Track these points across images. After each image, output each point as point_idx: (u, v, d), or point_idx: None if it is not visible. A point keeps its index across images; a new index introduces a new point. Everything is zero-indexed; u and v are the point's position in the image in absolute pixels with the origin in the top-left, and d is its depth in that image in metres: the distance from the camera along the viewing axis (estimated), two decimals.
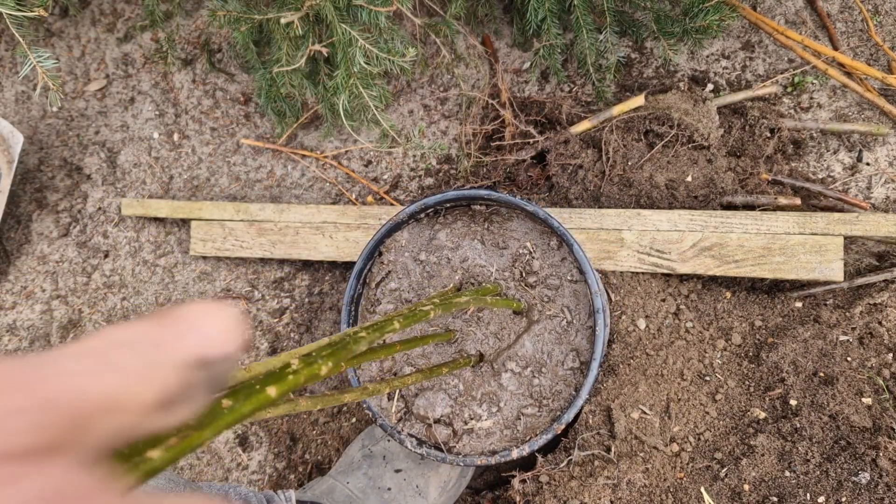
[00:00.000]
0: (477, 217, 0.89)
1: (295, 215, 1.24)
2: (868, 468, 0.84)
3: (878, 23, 1.20)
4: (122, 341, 0.22)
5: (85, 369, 0.20)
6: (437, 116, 1.35)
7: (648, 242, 1.05)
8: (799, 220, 1.00)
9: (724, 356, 1.01)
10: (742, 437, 0.92)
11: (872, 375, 0.92)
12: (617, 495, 0.87)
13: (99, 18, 1.55)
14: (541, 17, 1.09)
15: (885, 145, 1.15)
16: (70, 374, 0.20)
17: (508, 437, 0.83)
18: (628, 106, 1.14)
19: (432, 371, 0.74)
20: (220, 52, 1.47)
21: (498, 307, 0.84)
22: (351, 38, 0.94)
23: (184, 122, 1.47)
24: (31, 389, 0.19)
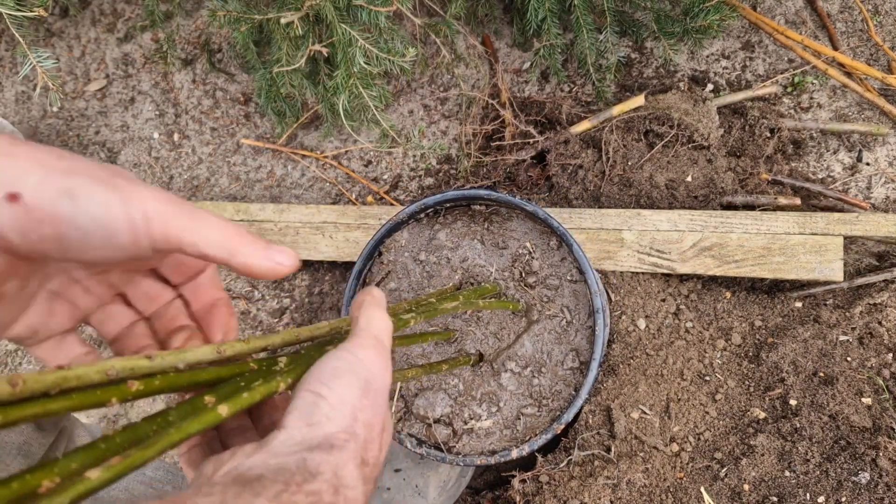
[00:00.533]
0: (477, 217, 0.90)
1: (295, 215, 1.24)
2: (868, 468, 0.84)
3: (878, 23, 1.20)
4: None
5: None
6: (437, 116, 1.35)
7: (648, 242, 1.05)
8: (799, 220, 1.00)
9: (724, 356, 1.01)
10: (742, 437, 0.92)
11: (872, 375, 0.92)
12: (617, 495, 0.87)
13: (99, 18, 1.55)
14: (541, 16, 1.09)
15: (885, 145, 1.15)
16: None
17: (508, 436, 0.83)
18: (628, 106, 1.14)
19: (432, 367, 0.73)
20: (221, 52, 1.47)
21: (492, 309, 0.84)
22: (351, 38, 0.94)
23: (184, 122, 1.47)
24: None
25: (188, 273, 0.43)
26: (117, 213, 0.31)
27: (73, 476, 0.27)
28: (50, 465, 0.27)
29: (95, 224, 0.31)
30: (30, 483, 0.25)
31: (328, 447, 0.31)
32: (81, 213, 0.30)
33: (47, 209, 0.30)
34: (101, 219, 0.31)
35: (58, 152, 0.32)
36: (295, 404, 0.33)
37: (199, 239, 0.33)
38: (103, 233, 0.31)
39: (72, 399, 0.29)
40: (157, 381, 0.33)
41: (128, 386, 0.31)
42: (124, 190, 0.32)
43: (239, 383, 0.35)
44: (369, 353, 0.36)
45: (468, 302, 0.72)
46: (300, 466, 0.30)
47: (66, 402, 0.29)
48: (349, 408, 0.33)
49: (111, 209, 0.31)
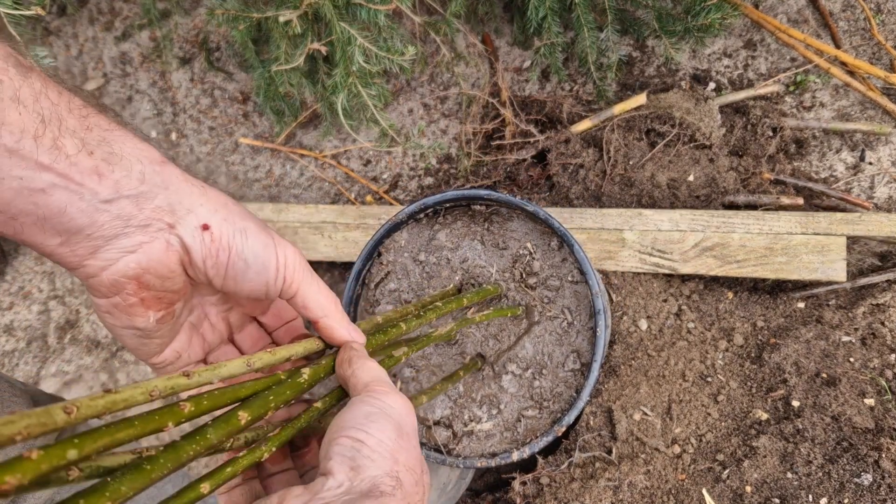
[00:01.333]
0: (477, 217, 0.89)
1: (294, 215, 1.23)
2: (870, 469, 0.83)
3: (880, 21, 1.19)
4: None
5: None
6: (436, 115, 1.34)
7: (650, 242, 1.04)
8: (801, 219, 0.99)
9: (726, 357, 1.00)
10: (744, 439, 0.91)
11: (875, 376, 0.92)
12: (618, 497, 0.87)
13: (97, 17, 1.54)
14: (541, 15, 1.08)
15: (888, 145, 1.15)
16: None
17: (509, 439, 0.83)
18: (630, 105, 1.14)
19: (451, 378, 0.74)
20: (219, 51, 1.46)
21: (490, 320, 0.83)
22: (350, 37, 0.93)
23: (182, 121, 1.47)
24: None
25: (283, 320, 0.52)
26: (271, 253, 0.41)
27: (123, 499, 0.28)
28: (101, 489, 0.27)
29: (255, 259, 0.41)
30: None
31: (378, 494, 0.33)
32: (248, 249, 0.41)
33: (225, 240, 0.40)
34: (261, 255, 0.41)
35: (232, 199, 0.43)
36: (335, 450, 0.36)
37: (309, 295, 0.43)
38: (259, 267, 0.41)
39: (134, 427, 0.31)
40: (205, 401, 0.35)
41: (180, 408, 0.34)
42: (275, 237, 0.42)
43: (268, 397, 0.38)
44: (393, 398, 0.40)
45: (463, 321, 0.72)
46: None
47: (130, 430, 0.31)
48: (388, 450, 0.36)
49: (268, 249, 0.41)
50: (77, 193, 0.36)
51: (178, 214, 0.39)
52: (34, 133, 0.34)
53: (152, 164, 0.40)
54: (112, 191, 0.37)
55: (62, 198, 0.35)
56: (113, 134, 0.38)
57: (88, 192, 0.36)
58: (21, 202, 0.35)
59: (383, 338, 0.53)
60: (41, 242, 0.37)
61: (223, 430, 0.35)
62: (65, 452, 0.27)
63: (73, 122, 0.36)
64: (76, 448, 0.28)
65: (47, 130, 0.34)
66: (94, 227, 0.37)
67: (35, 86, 0.35)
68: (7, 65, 0.34)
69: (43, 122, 0.34)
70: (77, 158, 0.35)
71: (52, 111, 0.35)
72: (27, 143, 0.34)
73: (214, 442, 0.34)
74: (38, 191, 0.35)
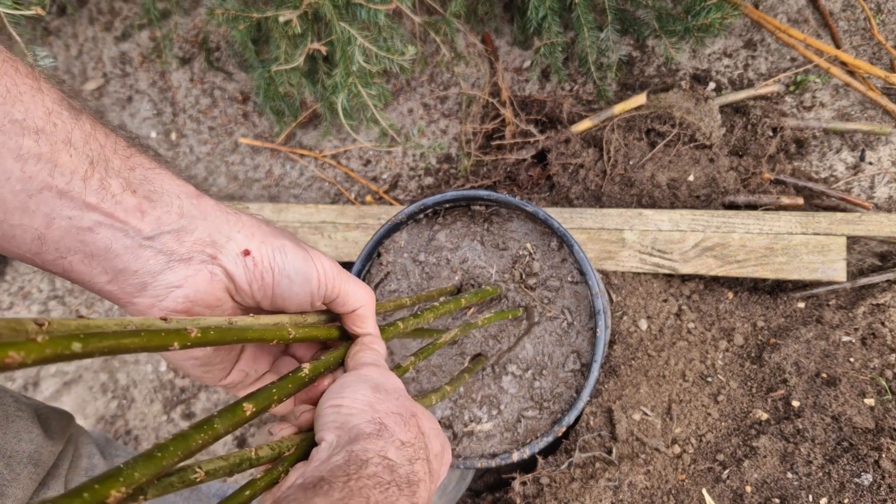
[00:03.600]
0: (476, 217, 0.89)
1: (293, 215, 1.23)
2: (871, 469, 0.83)
3: (880, 21, 1.19)
4: None
5: None
6: (436, 115, 1.34)
7: (650, 242, 1.04)
8: (801, 220, 0.99)
9: (727, 357, 1.00)
10: (744, 439, 0.91)
11: (875, 376, 0.92)
12: (618, 497, 0.87)
13: (97, 17, 1.54)
14: (541, 15, 1.08)
15: (888, 145, 1.15)
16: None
17: (509, 439, 0.83)
18: (630, 105, 1.14)
19: (459, 379, 0.74)
20: (219, 51, 1.46)
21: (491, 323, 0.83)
22: (350, 37, 0.93)
23: (181, 121, 1.46)
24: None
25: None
26: (310, 266, 0.43)
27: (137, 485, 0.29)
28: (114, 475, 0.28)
29: (297, 273, 0.43)
30: (100, 493, 0.27)
31: (365, 437, 0.37)
32: (289, 265, 0.43)
33: (267, 262, 0.42)
34: (302, 269, 0.43)
35: (264, 220, 0.45)
36: (321, 422, 0.40)
37: (349, 293, 0.46)
38: (302, 279, 0.43)
39: (140, 337, 0.32)
40: (211, 331, 0.37)
41: (188, 332, 0.35)
42: (310, 251, 0.45)
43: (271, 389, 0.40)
44: (370, 369, 0.44)
45: (467, 326, 0.73)
46: (349, 460, 0.35)
47: (136, 339, 0.32)
48: (366, 403, 0.40)
49: (307, 262, 0.43)
50: (121, 231, 0.38)
51: (218, 244, 0.41)
52: (83, 174, 0.36)
53: (189, 198, 0.41)
54: (154, 227, 0.39)
55: (107, 235, 0.37)
56: (154, 172, 0.40)
57: (132, 230, 0.38)
58: (69, 241, 0.37)
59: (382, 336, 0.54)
60: (90, 280, 0.39)
61: (229, 421, 0.36)
62: (70, 343, 0.28)
63: (118, 163, 0.38)
64: (81, 342, 0.29)
65: (95, 171, 0.37)
66: (140, 264, 0.39)
67: (85, 128, 0.37)
68: (61, 108, 0.36)
69: (92, 163, 0.37)
70: (121, 197, 0.37)
71: (100, 153, 0.37)
72: (76, 184, 0.36)
73: (221, 431, 0.36)
74: (85, 229, 0.37)
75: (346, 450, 0.36)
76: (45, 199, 0.35)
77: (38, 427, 0.58)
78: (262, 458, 0.40)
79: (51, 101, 0.36)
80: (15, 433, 0.56)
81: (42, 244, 0.36)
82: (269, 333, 0.42)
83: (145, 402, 1.32)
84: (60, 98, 0.37)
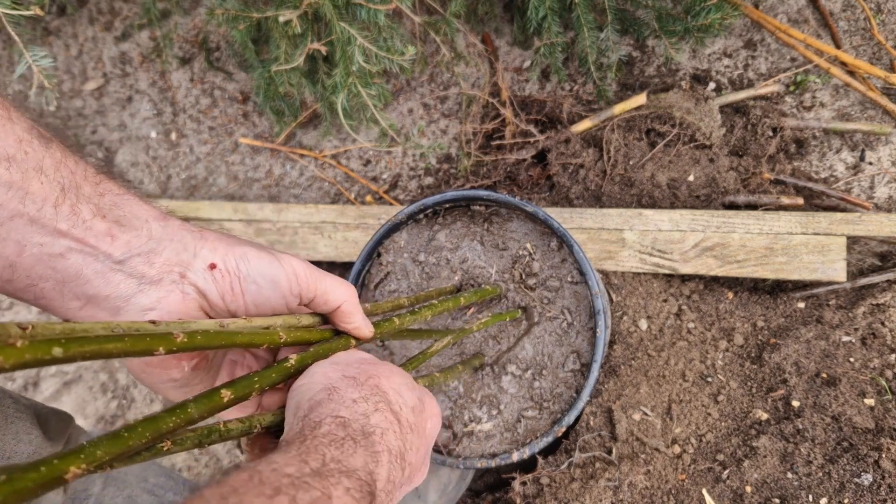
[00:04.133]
0: (476, 218, 0.89)
1: (293, 215, 1.23)
2: (871, 469, 0.83)
3: (880, 21, 1.19)
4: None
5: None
6: (436, 115, 1.34)
7: (650, 242, 1.04)
8: (801, 220, 0.99)
9: (727, 357, 1.00)
10: (744, 439, 0.91)
11: (875, 376, 0.92)
12: (618, 497, 0.87)
13: (96, 17, 1.54)
14: (541, 15, 1.08)
15: (888, 145, 1.14)
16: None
17: (509, 439, 0.83)
18: (630, 105, 1.14)
19: (452, 370, 0.74)
20: (219, 51, 1.46)
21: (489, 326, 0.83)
22: (350, 37, 0.93)
23: (181, 121, 1.46)
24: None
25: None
26: (278, 268, 0.44)
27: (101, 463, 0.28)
28: (77, 451, 0.28)
29: (263, 277, 0.43)
30: (58, 468, 0.26)
31: (316, 403, 0.38)
32: (253, 270, 0.43)
33: (233, 271, 0.43)
34: (267, 272, 0.43)
35: (225, 233, 0.45)
36: (287, 404, 0.42)
37: (328, 289, 0.46)
38: (270, 283, 0.43)
39: (124, 342, 0.32)
40: (198, 336, 0.36)
41: (174, 336, 0.35)
42: (278, 255, 0.44)
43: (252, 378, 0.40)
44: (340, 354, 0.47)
45: (461, 332, 0.72)
46: (304, 426, 0.36)
47: (119, 343, 0.31)
48: (322, 376, 0.41)
49: (273, 266, 0.43)
50: (92, 256, 0.38)
51: (185, 262, 0.42)
52: (54, 201, 0.37)
53: (157, 220, 0.42)
54: (124, 251, 0.39)
55: (78, 261, 0.38)
56: (122, 198, 0.41)
57: (102, 254, 0.38)
58: (41, 268, 0.37)
59: (376, 332, 0.53)
60: (62, 306, 0.39)
61: (204, 406, 0.35)
62: (50, 348, 0.28)
63: (89, 189, 0.39)
64: (62, 347, 0.28)
65: (66, 198, 0.37)
66: (111, 288, 0.39)
67: (56, 155, 0.38)
68: (31, 137, 0.37)
69: (63, 190, 0.37)
70: (92, 223, 0.38)
71: (71, 179, 0.38)
72: (48, 210, 0.36)
73: (195, 416, 0.35)
74: (56, 255, 0.37)
75: (303, 420, 0.37)
76: (17, 227, 0.35)
77: (37, 428, 0.58)
78: (231, 431, 0.39)
79: (21, 129, 0.36)
80: (14, 434, 0.56)
81: (13, 272, 0.37)
82: (259, 338, 0.41)
83: (145, 402, 1.32)
84: (30, 127, 0.37)
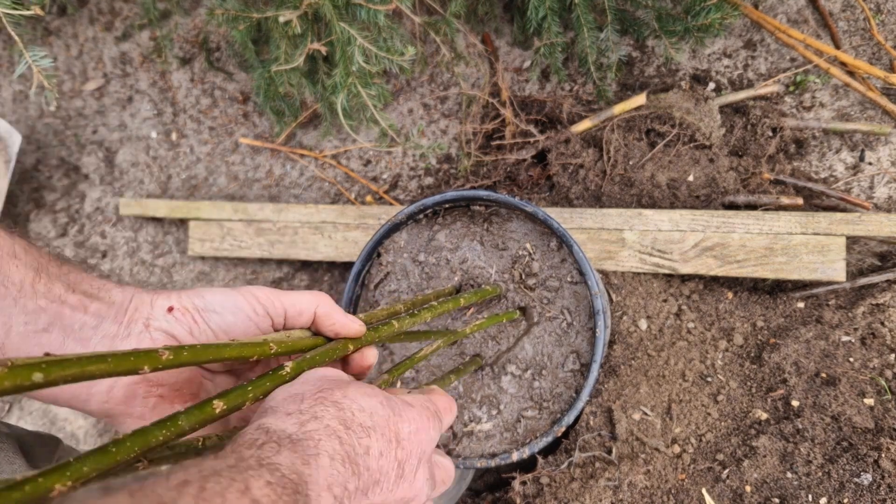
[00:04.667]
0: (476, 218, 0.89)
1: (294, 215, 1.23)
2: (870, 469, 0.83)
3: (880, 21, 1.19)
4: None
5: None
6: (436, 115, 1.34)
7: (650, 242, 1.04)
8: (801, 220, 0.99)
9: (726, 357, 1.00)
10: (744, 439, 0.91)
11: (875, 376, 0.92)
12: (618, 497, 0.87)
13: (97, 17, 1.54)
14: (541, 15, 1.08)
15: (888, 145, 1.15)
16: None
17: (508, 439, 0.83)
18: (629, 105, 1.14)
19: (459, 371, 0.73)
20: (219, 51, 1.46)
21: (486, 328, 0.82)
22: (350, 37, 0.93)
23: (182, 122, 1.47)
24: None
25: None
26: (234, 295, 0.46)
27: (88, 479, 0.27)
28: (63, 467, 0.26)
29: (222, 306, 0.46)
30: (43, 486, 0.25)
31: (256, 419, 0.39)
32: (209, 301, 0.46)
33: (190, 308, 0.45)
34: (225, 301, 0.46)
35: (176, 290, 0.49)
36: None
37: (296, 301, 0.48)
38: (231, 308, 0.46)
39: (107, 363, 0.31)
40: (185, 352, 0.36)
41: (159, 354, 0.34)
42: (236, 287, 0.47)
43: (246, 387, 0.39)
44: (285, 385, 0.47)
45: (452, 335, 0.70)
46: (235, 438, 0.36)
47: (102, 364, 0.31)
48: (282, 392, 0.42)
49: (229, 294, 0.46)
50: (70, 327, 0.42)
51: (146, 314, 0.45)
52: (31, 282, 0.41)
53: (115, 287, 0.46)
54: (96, 318, 0.43)
55: (60, 332, 0.41)
56: (82, 275, 0.46)
57: (78, 324, 0.42)
58: (28, 345, 0.40)
59: (373, 335, 0.52)
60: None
61: (196, 418, 0.35)
62: (31, 374, 0.28)
63: (55, 269, 0.43)
64: (42, 372, 0.28)
65: (40, 278, 0.41)
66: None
67: (22, 244, 0.42)
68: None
69: (36, 272, 0.41)
70: (66, 297, 0.42)
71: (40, 262, 0.42)
72: (27, 290, 0.40)
73: (186, 429, 0.34)
74: (40, 331, 0.41)
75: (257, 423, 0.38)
76: (3, 309, 0.39)
77: (20, 458, 0.59)
78: (209, 448, 0.39)
79: None
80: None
81: (2, 353, 0.40)
82: (249, 350, 0.41)
83: None
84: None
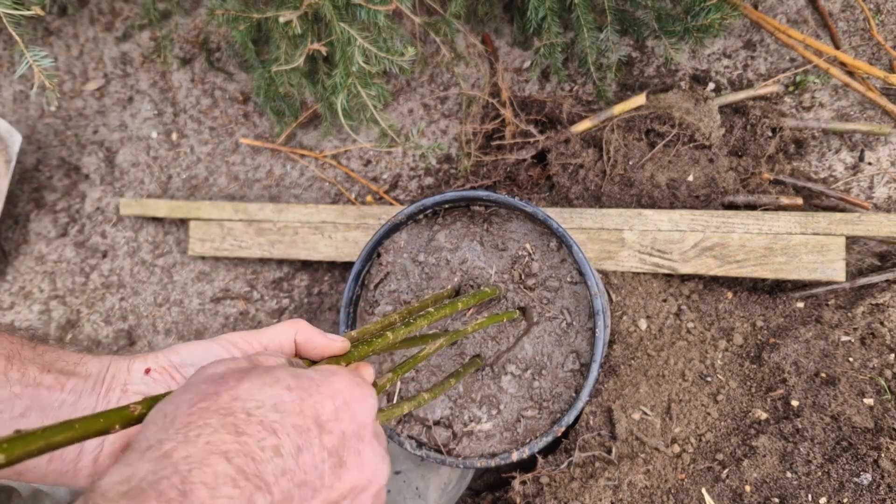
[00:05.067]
0: (476, 218, 0.89)
1: (294, 215, 1.23)
2: (870, 469, 0.83)
3: (879, 22, 1.19)
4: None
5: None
6: (436, 115, 1.34)
7: (650, 242, 1.04)
8: (801, 220, 0.99)
9: (726, 357, 1.00)
10: (743, 438, 0.91)
11: (874, 376, 0.92)
12: (618, 496, 0.87)
13: (97, 17, 1.54)
14: (541, 15, 1.08)
15: (887, 145, 1.15)
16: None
17: (508, 439, 0.83)
18: (629, 105, 1.14)
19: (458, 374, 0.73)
20: (219, 51, 1.46)
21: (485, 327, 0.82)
22: (350, 37, 0.94)
23: (182, 122, 1.47)
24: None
25: None
26: (209, 345, 0.46)
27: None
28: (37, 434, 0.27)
29: (198, 357, 0.45)
30: None
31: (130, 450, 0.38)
32: (186, 356, 0.46)
33: (167, 366, 0.45)
34: (200, 353, 0.46)
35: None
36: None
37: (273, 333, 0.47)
38: (207, 358, 0.45)
39: (74, 430, 0.30)
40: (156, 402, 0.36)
41: (130, 410, 0.34)
42: (211, 338, 0.47)
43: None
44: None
45: (454, 334, 0.69)
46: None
47: (69, 432, 0.30)
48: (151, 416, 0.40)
49: (203, 344, 0.46)
50: (49, 407, 0.42)
51: (123, 380, 0.45)
52: (3, 369, 0.41)
53: (91, 358, 0.46)
54: (73, 393, 0.43)
55: (37, 416, 0.41)
56: (57, 353, 0.46)
57: (57, 402, 0.42)
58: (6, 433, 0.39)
59: (367, 349, 0.50)
60: (32, 468, 0.41)
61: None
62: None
63: (29, 352, 0.43)
64: (4, 453, 0.27)
65: (13, 365, 0.42)
66: None
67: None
68: None
69: (8, 359, 0.42)
70: (41, 378, 0.42)
71: (11, 349, 0.43)
72: (0, 379, 0.40)
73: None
74: (17, 417, 0.41)
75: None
76: None
77: None
78: None
79: None
80: None
81: None
82: None
83: None
84: None
